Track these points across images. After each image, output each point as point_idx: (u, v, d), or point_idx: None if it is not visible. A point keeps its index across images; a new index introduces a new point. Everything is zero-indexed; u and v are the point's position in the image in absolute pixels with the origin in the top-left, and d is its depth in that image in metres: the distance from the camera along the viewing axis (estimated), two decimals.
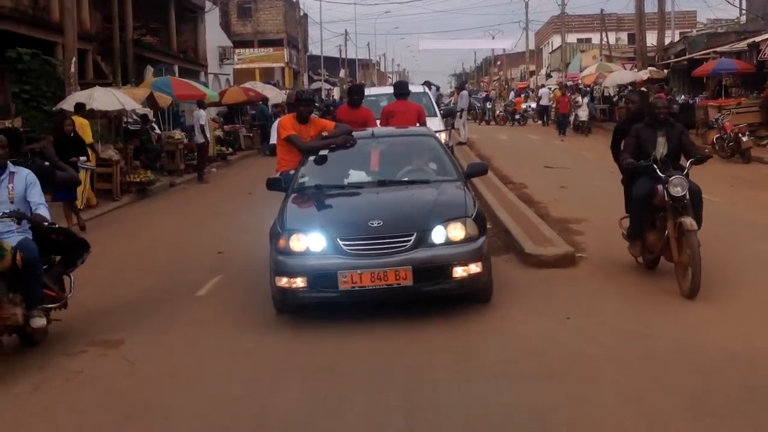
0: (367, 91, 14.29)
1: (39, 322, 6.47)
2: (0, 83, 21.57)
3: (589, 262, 8.89)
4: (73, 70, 17.91)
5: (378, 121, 10.90)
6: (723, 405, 4.89)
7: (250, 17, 57.86)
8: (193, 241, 11.63)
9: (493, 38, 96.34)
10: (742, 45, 26.84)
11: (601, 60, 45.60)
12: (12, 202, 6.54)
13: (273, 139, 10.04)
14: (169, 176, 20.36)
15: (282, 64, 57.75)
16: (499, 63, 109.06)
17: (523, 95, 57.40)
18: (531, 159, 21.30)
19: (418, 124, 10.89)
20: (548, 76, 66.26)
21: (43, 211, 6.57)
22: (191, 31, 37.26)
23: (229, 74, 41.99)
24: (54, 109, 17.23)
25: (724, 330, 6.40)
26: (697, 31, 45.70)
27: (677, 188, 7.32)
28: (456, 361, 5.95)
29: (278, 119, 10.98)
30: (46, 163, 9.83)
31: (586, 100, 34.36)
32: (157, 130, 22.40)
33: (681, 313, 6.90)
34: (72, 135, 13.68)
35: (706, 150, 17.51)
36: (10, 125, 16.20)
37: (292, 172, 8.35)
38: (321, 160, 8.38)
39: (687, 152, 7.99)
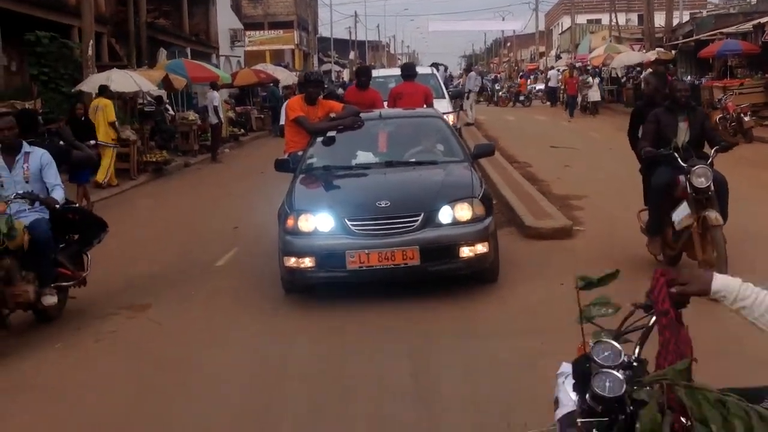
0: (375, 73, 14.56)
1: (50, 300, 6.64)
2: (19, 65, 22.19)
3: (586, 235, 9.37)
4: (90, 53, 18.40)
5: (385, 103, 11.11)
6: None
7: None
8: (209, 218, 12.15)
9: (503, 19, 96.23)
10: (748, 26, 27.08)
11: (611, 41, 45.78)
12: (27, 182, 6.67)
13: (282, 120, 10.33)
14: (184, 156, 20.88)
15: (292, 47, 58.00)
16: (509, 44, 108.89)
17: (531, 77, 57.70)
18: (537, 139, 21.70)
19: (425, 106, 10.97)
20: (558, 57, 66.33)
21: (58, 193, 6.71)
22: (203, 14, 37.62)
23: (240, 56, 42.39)
24: (72, 91, 17.77)
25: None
26: (707, 11, 45.84)
27: (701, 179, 6.73)
28: (456, 320, 6.46)
29: (287, 101, 11.11)
30: (61, 143, 10.37)
31: (597, 81, 34.59)
32: (171, 112, 22.90)
33: None
34: (83, 118, 14.20)
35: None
36: (30, 106, 16.76)
37: (300, 153, 8.43)
38: (329, 141, 8.45)
39: (711, 139, 7.35)
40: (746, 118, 19.22)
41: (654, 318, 2.38)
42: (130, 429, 4.75)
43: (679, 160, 6.96)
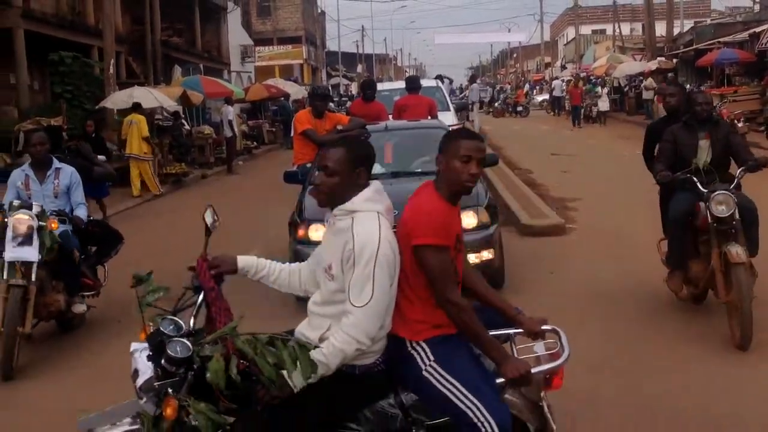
0: (380, 86, 14.63)
1: (80, 307, 7.09)
2: (41, 84, 23.20)
3: (578, 232, 10.22)
4: (111, 71, 19.41)
5: (390, 115, 11.44)
6: None
7: (269, 15, 59.16)
8: (230, 223, 12.99)
9: (509, 31, 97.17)
10: (744, 35, 27.92)
11: (614, 51, 46.70)
12: (56, 197, 7.05)
13: (292, 133, 10.95)
14: (200, 168, 21.80)
15: (301, 61, 59.06)
16: (515, 55, 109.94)
17: (537, 87, 58.64)
18: (539, 147, 22.55)
19: (429, 117, 11.18)
20: (563, 67, 67.22)
21: (82, 211, 7.14)
22: (214, 31, 38.69)
23: (250, 72, 43.46)
24: (96, 107, 18.73)
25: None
26: (711, 19, 46.65)
27: (721, 206, 5.90)
28: None
29: (295, 114, 11.34)
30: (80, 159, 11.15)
31: (605, 90, 35.17)
32: (187, 126, 23.89)
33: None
34: (93, 135, 15.05)
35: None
36: (56, 123, 17.70)
37: (308, 164, 8.63)
38: None
39: (737, 157, 6.39)
40: (740, 125, 19.99)
41: (202, 295, 3.28)
42: None
43: (699, 184, 6.10)
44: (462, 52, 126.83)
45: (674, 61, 36.09)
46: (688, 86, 31.00)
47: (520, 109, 43.10)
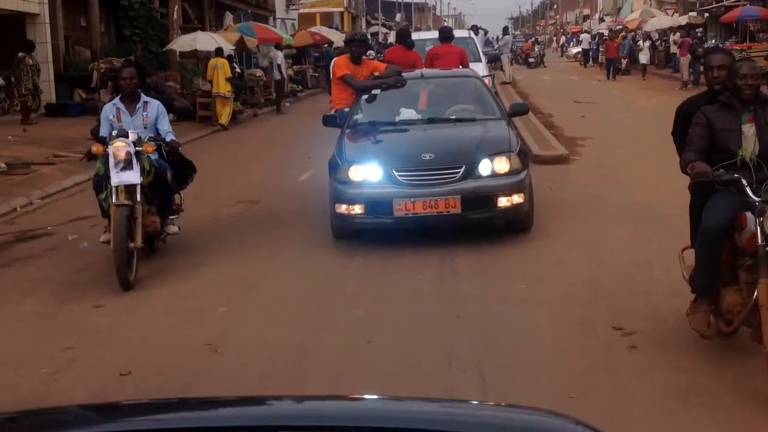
0: (414, 36, 14.81)
1: (173, 228, 7.75)
2: (106, 26, 25.31)
3: (579, 162, 12.20)
4: (176, 17, 21.43)
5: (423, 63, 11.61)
6: None
7: None
8: (288, 151, 15.15)
9: None
10: None
11: (651, 5, 47.59)
12: (145, 128, 7.42)
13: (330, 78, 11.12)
14: (252, 108, 23.87)
15: (341, 9, 60.25)
16: (555, 6, 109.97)
17: (574, 39, 59.51)
18: (564, 96, 24.21)
19: (461, 66, 11.42)
20: (601, 20, 67.88)
21: (171, 138, 7.55)
22: None
23: (294, 19, 45.23)
24: (164, 49, 20.84)
25: None
26: None
27: None
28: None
29: (333, 59, 11.77)
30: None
31: (647, 44, 34.98)
32: (238, 69, 25.92)
33: None
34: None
35: None
36: (130, 59, 19.86)
37: (346, 109, 8.88)
38: (373, 99, 8.88)
39: None
40: None
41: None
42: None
43: (749, 190, 4.58)
44: (502, 2, 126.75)
45: (705, 15, 37.23)
46: (713, 41, 32.36)
47: (531, 60, 43.56)
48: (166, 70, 21.18)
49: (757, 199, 4.50)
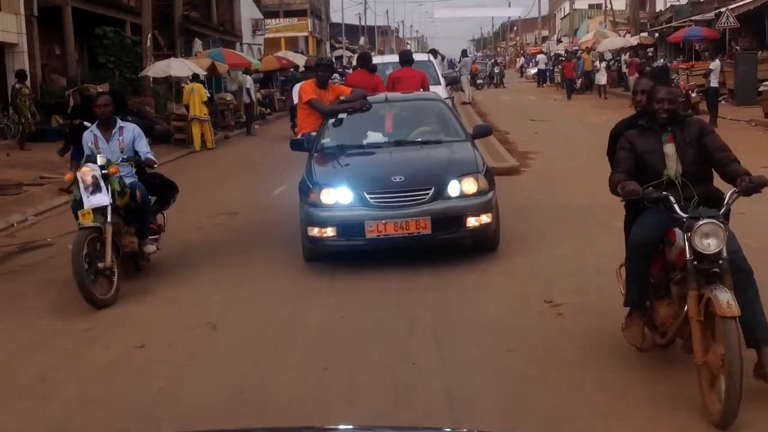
0: (375, 60, 14.84)
1: (151, 248, 8.03)
2: (80, 54, 26.20)
3: (529, 173, 13.39)
4: (149, 44, 22.43)
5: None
6: None
7: None
8: (260, 168, 16.17)
9: (509, 5, 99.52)
10: (711, 15, 30.85)
11: (605, 27, 49.43)
12: (122, 152, 7.70)
13: (295, 100, 11.80)
14: (223, 131, 24.84)
15: (306, 33, 61.59)
16: (515, 28, 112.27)
17: (533, 60, 61.26)
18: (521, 114, 25.58)
19: (422, 89, 11.56)
20: (559, 41, 69.92)
21: (151, 157, 7.91)
22: (227, 6, 41.54)
23: (261, 44, 46.36)
24: (139, 75, 21.81)
25: None
26: None
27: (707, 240, 4.48)
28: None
29: (299, 83, 12.01)
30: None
31: (603, 64, 35.89)
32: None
33: None
34: (80, 103, 17.22)
35: None
36: (102, 89, 20.76)
37: (313, 133, 9.04)
38: (340, 123, 9.06)
39: (721, 167, 4.96)
40: (693, 95, 23.05)
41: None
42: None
43: (677, 207, 4.70)
44: (463, 24, 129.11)
45: (656, 36, 39.01)
46: (661, 61, 34.02)
47: (480, 81, 44.42)
48: (140, 96, 22.12)
49: (684, 215, 4.62)
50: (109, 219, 7.20)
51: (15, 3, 20.49)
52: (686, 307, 4.59)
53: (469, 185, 7.70)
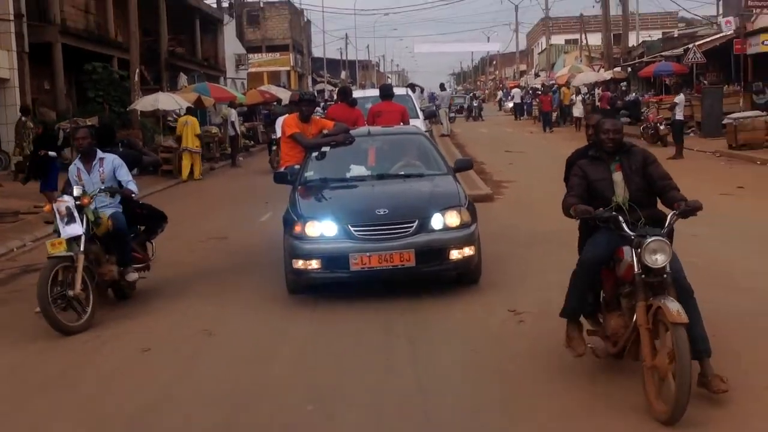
0: (355, 94, 14.83)
1: (133, 276, 8.12)
2: (68, 89, 26.91)
3: (502, 201, 14.18)
4: (136, 79, 23.18)
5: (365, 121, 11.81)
6: None
7: (258, 25, 62.87)
8: (247, 198, 16.86)
9: (488, 40, 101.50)
10: (680, 50, 32.08)
11: (581, 61, 50.76)
12: (103, 182, 7.93)
13: (278, 134, 12.22)
14: (209, 162, 25.53)
15: (288, 68, 62.65)
16: (494, 63, 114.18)
17: (510, 94, 62.46)
18: (498, 146, 26.48)
19: (402, 123, 11.78)
20: (536, 75, 71.32)
21: (132, 187, 8.08)
22: (212, 42, 42.52)
23: (244, 78, 47.30)
24: (127, 109, 22.55)
25: None
26: (678, 30, 50.74)
27: (655, 256, 4.98)
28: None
29: (282, 117, 12.32)
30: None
31: (579, 98, 37.11)
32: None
33: None
34: (40, 134, 17.67)
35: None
36: (90, 122, 21.47)
37: (296, 166, 9.19)
38: (323, 156, 9.14)
39: (663, 194, 5.50)
40: (661, 127, 24.10)
41: None
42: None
43: (625, 226, 5.20)
44: (443, 58, 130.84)
45: (629, 70, 40.24)
46: (633, 94, 35.16)
47: (452, 115, 45.28)
48: (128, 128, 22.80)
49: (632, 234, 5.09)
50: (81, 248, 7.42)
51: (7, 39, 21.22)
52: (635, 317, 5.05)
53: (453, 218, 7.81)
